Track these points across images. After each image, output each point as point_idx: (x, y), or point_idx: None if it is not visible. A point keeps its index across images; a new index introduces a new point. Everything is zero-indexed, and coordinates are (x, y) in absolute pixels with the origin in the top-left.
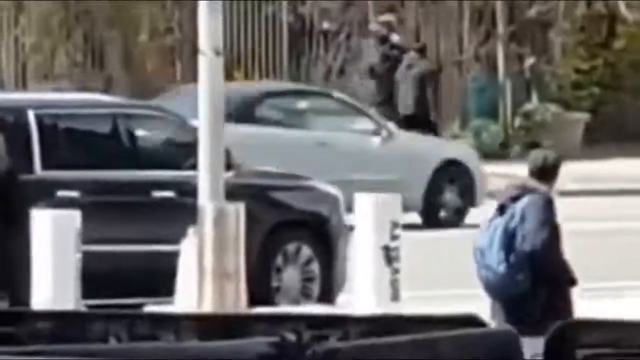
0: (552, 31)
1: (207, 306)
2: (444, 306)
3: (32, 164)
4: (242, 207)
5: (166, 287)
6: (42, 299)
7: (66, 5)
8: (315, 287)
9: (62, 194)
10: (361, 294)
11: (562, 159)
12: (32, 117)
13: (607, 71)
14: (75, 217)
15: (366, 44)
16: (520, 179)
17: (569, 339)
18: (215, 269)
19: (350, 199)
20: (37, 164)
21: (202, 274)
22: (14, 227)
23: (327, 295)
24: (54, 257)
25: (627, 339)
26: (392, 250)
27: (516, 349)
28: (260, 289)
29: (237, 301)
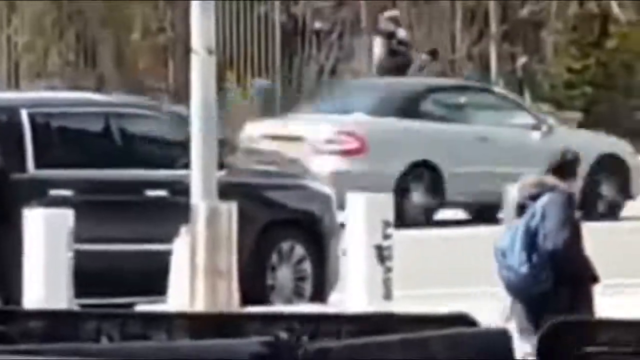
0: (544, 30)
1: (200, 305)
2: (435, 305)
3: (24, 162)
4: (234, 206)
5: (160, 286)
6: (34, 298)
7: (59, 4)
8: (307, 286)
9: (54, 192)
10: (353, 293)
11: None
12: (25, 116)
13: (600, 70)
14: (67, 216)
15: (358, 43)
16: (537, 176)
17: (562, 337)
18: (207, 267)
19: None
20: (30, 162)
21: (194, 273)
22: (7, 226)
23: (320, 294)
24: (46, 256)
25: (620, 337)
26: (384, 249)
27: (507, 348)
28: (253, 288)
29: (229, 300)
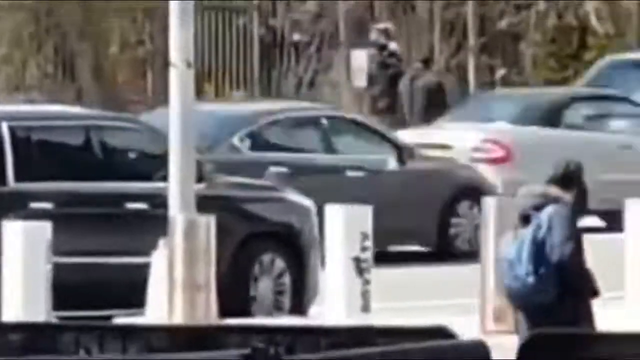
0: (523, 43)
1: (178, 318)
2: (414, 317)
3: (5, 175)
4: (212, 219)
5: (141, 299)
6: (12, 310)
7: (37, 17)
8: (287, 299)
9: (35, 205)
10: (332, 305)
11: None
12: (6, 129)
13: (578, 83)
14: (45, 229)
15: (336, 55)
16: (539, 186)
17: (542, 349)
18: (185, 280)
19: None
20: (10, 175)
21: (172, 286)
22: None
23: (300, 306)
24: (24, 268)
25: (597, 350)
26: (362, 261)
27: None
28: (233, 301)
29: (207, 313)
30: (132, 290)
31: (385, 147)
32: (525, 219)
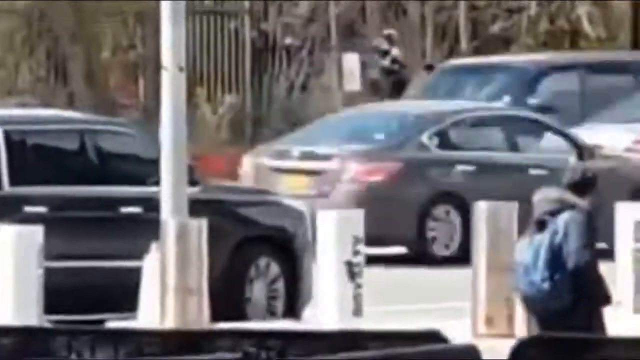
0: (515, 47)
1: (170, 322)
2: (406, 321)
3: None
4: (204, 223)
5: (136, 303)
6: (3, 315)
7: (29, 21)
8: (281, 302)
9: (29, 209)
10: (324, 309)
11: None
12: (0, 133)
13: None
14: (37, 233)
15: (328, 59)
16: (555, 192)
17: (530, 355)
18: (177, 284)
19: None
20: (5, 180)
21: (164, 290)
22: None
23: (293, 310)
24: (16, 272)
25: (588, 354)
26: (354, 265)
27: None
28: (228, 305)
29: (199, 317)
30: (127, 293)
31: (566, 145)
32: (540, 225)
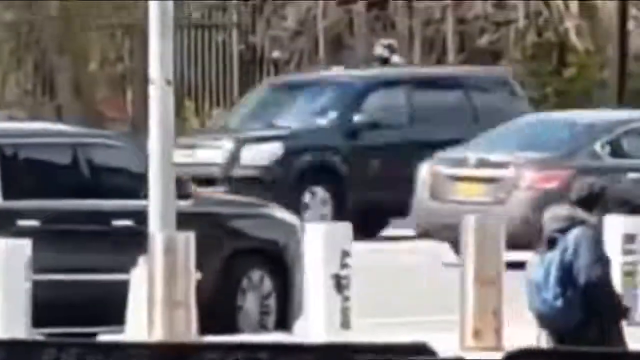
0: (502, 60)
1: (158, 335)
2: (394, 334)
3: None
4: (192, 236)
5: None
6: None
7: (17, 33)
8: (272, 315)
9: (22, 223)
10: (312, 322)
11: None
12: None
13: (558, 100)
14: (25, 246)
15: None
16: (564, 209)
17: None
18: (165, 297)
19: None
20: None
21: (152, 303)
22: None
23: (285, 322)
24: (4, 285)
25: None
26: (342, 278)
27: None
28: (219, 317)
29: (187, 329)
30: (121, 306)
31: None
32: (550, 243)
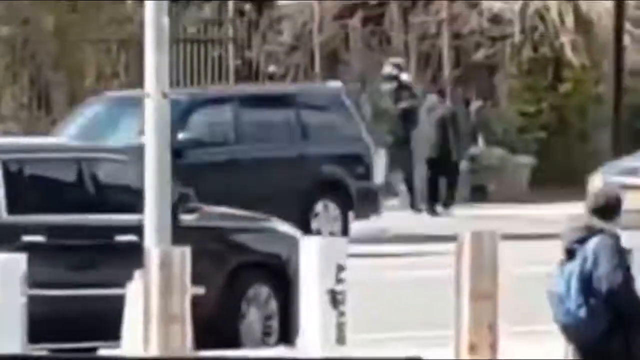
0: (498, 75)
1: (153, 350)
2: (389, 349)
3: None
4: (188, 251)
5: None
6: None
7: (12, 48)
8: (275, 329)
9: (27, 238)
10: (307, 337)
11: (620, 195)
12: None
13: (553, 115)
14: (21, 261)
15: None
16: (581, 220)
17: None
18: (160, 312)
19: None
20: (3, 208)
21: (147, 317)
22: None
23: (287, 336)
24: None
25: None
26: (337, 293)
27: None
28: (223, 331)
29: (182, 344)
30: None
31: None
32: (569, 253)
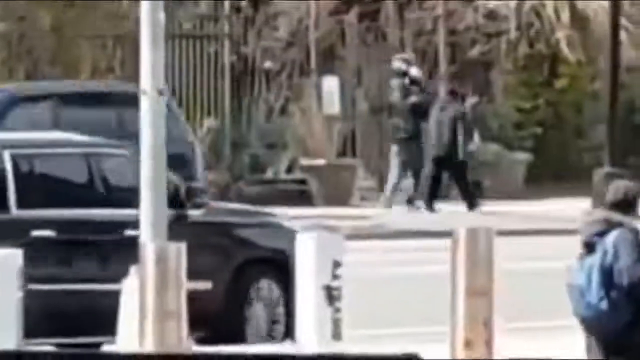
0: (494, 71)
1: (149, 345)
2: (385, 345)
3: (7, 203)
4: (183, 246)
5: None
6: None
7: (9, 44)
8: (281, 325)
9: (37, 233)
10: (303, 333)
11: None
12: (7, 157)
13: (549, 111)
14: (17, 257)
15: (307, 83)
16: (600, 213)
17: None
18: (156, 307)
19: None
20: (12, 203)
21: (143, 313)
22: None
23: (293, 331)
24: None
25: None
26: (334, 289)
27: None
28: (229, 326)
29: (178, 340)
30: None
31: None
32: (589, 247)
